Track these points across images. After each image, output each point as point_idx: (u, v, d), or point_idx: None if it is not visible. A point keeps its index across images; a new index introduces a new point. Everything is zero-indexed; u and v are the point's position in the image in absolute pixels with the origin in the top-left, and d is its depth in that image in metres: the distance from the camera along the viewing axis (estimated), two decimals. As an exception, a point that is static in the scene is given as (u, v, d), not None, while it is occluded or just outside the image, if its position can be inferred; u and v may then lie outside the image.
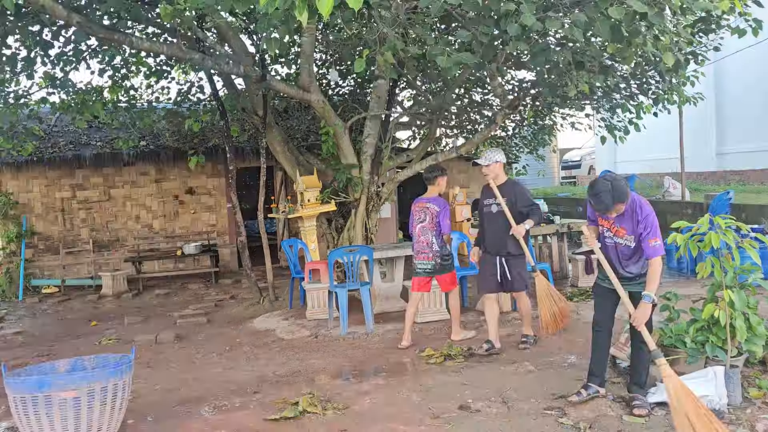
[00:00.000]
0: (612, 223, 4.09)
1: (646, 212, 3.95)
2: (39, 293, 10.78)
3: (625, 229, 4.02)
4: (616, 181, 3.91)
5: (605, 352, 4.30)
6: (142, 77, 10.56)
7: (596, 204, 3.93)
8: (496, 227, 5.57)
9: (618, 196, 3.87)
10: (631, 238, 4.01)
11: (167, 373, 5.67)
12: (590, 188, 3.99)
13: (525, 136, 13.96)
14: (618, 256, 4.11)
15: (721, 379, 4.02)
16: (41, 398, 3.73)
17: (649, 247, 3.91)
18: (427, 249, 6.04)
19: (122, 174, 11.70)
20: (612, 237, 4.11)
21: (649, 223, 3.92)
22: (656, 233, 3.92)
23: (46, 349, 6.94)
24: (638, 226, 3.95)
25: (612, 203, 3.88)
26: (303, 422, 4.22)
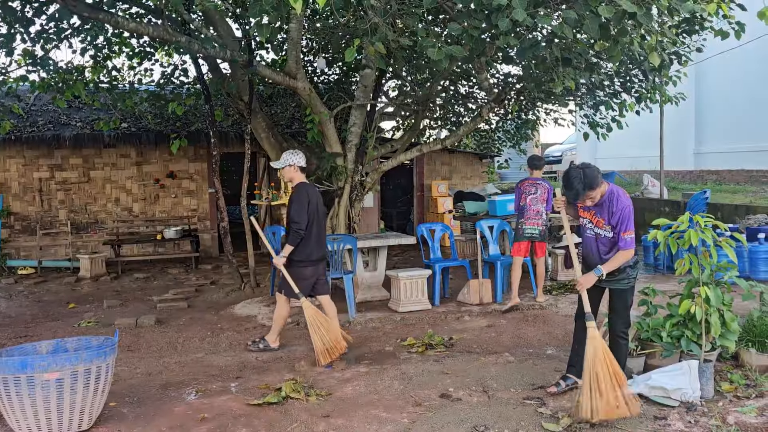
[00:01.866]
0: (593, 214, 4.18)
1: (622, 204, 4.06)
2: (15, 274, 10.61)
3: (604, 219, 4.13)
4: (588, 169, 4.01)
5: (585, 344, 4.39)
6: (125, 58, 10.43)
7: (568, 190, 4.03)
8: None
9: (588, 183, 3.96)
10: (609, 228, 4.12)
11: (148, 357, 5.66)
12: (564, 175, 4.09)
13: (508, 130, 14.06)
14: (598, 248, 4.20)
15: (695, 372, 4.14)
16: (23, 379, 3.71)
17: (622, 239, 4.05)
18: (537, 217, 6.90)
19: (102, 156, 11.54)
20: (593, 228, 4.21)
21: (625, 215, 4.04)
22: (630, 226, 4.05)
23: (22, 331, 6.87)
24: (613, 217, 4.07)
25: (583, 190, 3.97)
26: (286, 407, 4.26)
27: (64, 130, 11.01)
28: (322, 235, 5.57)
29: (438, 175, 13.54)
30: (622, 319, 4.24)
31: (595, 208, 4.15)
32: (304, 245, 5.39)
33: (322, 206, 5.63)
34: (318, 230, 5.48)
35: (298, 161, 5.53)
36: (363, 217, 11.92)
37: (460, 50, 4.48)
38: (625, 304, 4.24)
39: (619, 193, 4.12)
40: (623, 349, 4.22)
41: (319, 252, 5.51)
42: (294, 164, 5.50)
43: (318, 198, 5.54)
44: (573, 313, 6.50)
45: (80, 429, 3.90)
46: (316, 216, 5.43)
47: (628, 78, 8.92)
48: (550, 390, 4.31)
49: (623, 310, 4.24)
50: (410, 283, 6.82)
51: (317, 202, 5.49)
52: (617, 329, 4.23)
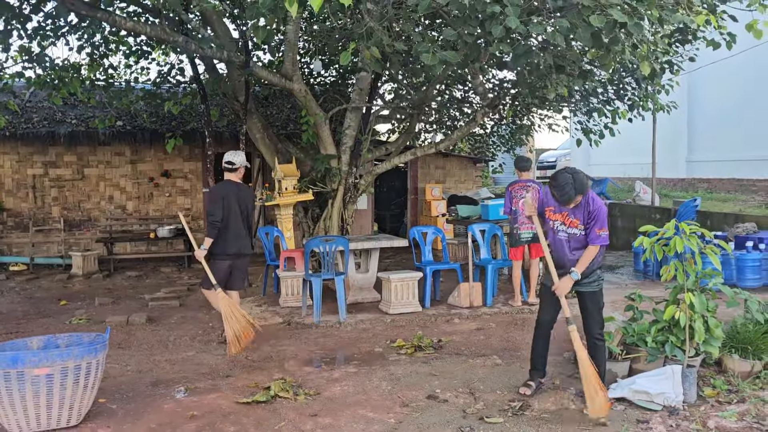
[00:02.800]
0: (566, 215, 4.28)
1: (598, 205, 4.22)
2: (6, 270, 10.60)
3: (579, 219, 4.25)
4: (577, 174, 4.13)
5: (546, 348, 4.52)
6: (122, 56, 10.45)
7: (560, 196, 4.11)
8: None
9: (579, 188, 4.09)
10: (583, 228, 4.25)
11: (139, 355, 5.68)
12: (553, 180, 4.17)
13: (502, 134, 14.15)
14: (569, 248, 4.30)
15: (678, 377, 4.20)
16: (14, 374, 3.73)
17: (594, 234, 4.18)
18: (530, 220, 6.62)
19: (97, 153, 11.55)
20: (566, 229, 4.29)
21: (601, 215, 4.19)
22: (604, 224, 4.20)
23: (14, 327, 6.87)
24: (590, 216, 4.20)
25: (574, 194, 4.09)
26: (275, 406, 4.29)
27: (59, 127, 11.02)
28: (241, 231, 5.74)
29: (432, 179, 13.60)
30: (597, 321, 4.34)
31: (569, 209, 4.26)
32: (222, 239, 5.64)
33: (246, 204, 5.79)
34: (235, 226, 5.68)
35: (228, 158, 5.80)
36: (356, 219, 11.98)
37: (455, 56, 4.54)
38: (598, 306, 4.35)
39: (593, 196, 4.28)
40: (602, 351, 4.32)
41: (236, 247, 5.70)
42: (225, 162, 5.81)
43: (238, 196, 5.73)
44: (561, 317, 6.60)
45: (69, 424, 3.93)
46: (231, 212, 5.64)
47: (621, 86, 9.02)
48: (523, 392, 4.40)
49: (597, 312, 4.34)
50: (401, 285, 6.87)
51: (236, 199, 5.70)
52: (593, 332, 4.32)
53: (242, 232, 5.76)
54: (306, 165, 9.30)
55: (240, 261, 5.83)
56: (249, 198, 5.87)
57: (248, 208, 5.85)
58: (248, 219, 5.86)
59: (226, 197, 5.67)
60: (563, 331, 5.96)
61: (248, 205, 5.84)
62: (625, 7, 4.17)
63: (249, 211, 5.86)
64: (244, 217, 5.79)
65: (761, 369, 4.58)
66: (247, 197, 5.83)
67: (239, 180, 5.89)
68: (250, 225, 5.90)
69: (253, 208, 5.95)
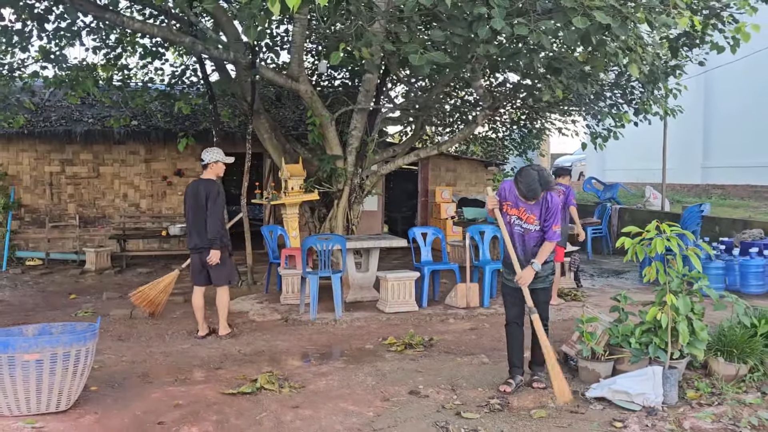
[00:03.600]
0: (523, 211, 4.42)
1: (555, 203, 4.38)
2: (23, 265, 10.91)
3: (535, 215, 4.39)
4: (543, 171, 4.30)
5: (522, 344, 4.60)
6: (137, 57, 10.71)
7: (527, 192, 4.25)
8: None
9: (544, 184, 4.26)
10: (538, 224, 4.40)
11: (137, 347, 5.83)
12: (520, 176, 4.30)
13: (514, 138, 14.14)
14: (525, 243, 4.46)
15: (658, 378, 4.20)
16: (5, 359, 3.89)
17: (551, 231, 4.37)
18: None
19: (112, 152, 11.83)
20: (522, 224, 4.44)
21: (555, 211, 4.36)
22: (558, 221, 4.39)
23: (21, 318, 7.09)
24: (547, 213, 4.35)
25: (540, 190, 4.26)
26: (259, 398, 4.39)
27: (75, 125, 11.31)
28: (190, 227, 5.99)
29: (443, 181, 13.65)
30: (547, 311, 4.61)
31: (526, 205, 4.39)
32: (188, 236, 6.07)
33: (199, 200, 5.85)
34: (192, 222, 5.93)
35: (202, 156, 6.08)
36: (366, 220, 12.09)
37: (442, 56, 4.60)
38: (548, 297, 4.63)
39: (551, 194, 4.41)
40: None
41: (192, 241, 5.98)
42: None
43: (195, 193, 5.89)
44: (557, 319, 6.62)
45: (58, 409, 4.07)
46: (189, 210, 5.94)
47: (627, 89, 8.99)
48: (504, 389, 4.45)
49: (546, 303, 4.61)
50: (398, 284, 6.94)
51: (193, 197, 5.90)
52: (544, 321, 4.56)
53: (192, 227, 5.94)
54: (313, 165, 9.42)
55: (199, 255, 5.96)
56: (202, 193, 5.86)
57: (202, 202, 5.85)
58: (200, 212, 5.88)
59: (186, 196, 6.00)
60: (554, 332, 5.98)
61: (201, 199, 5.85)
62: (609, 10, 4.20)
63: (202, 205, 5.85)
64: (196, 213, 5.89)
65: (746, 372, 4.55)
66: (200, 193, 5.86)
67: (214, 177, 6.01)
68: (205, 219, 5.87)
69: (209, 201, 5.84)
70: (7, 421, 3.92)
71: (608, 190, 13.10)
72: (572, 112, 10.50)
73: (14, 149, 11.41)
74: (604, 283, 8.98)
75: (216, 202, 5.85)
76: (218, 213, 5.89)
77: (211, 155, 6.02)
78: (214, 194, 5.87)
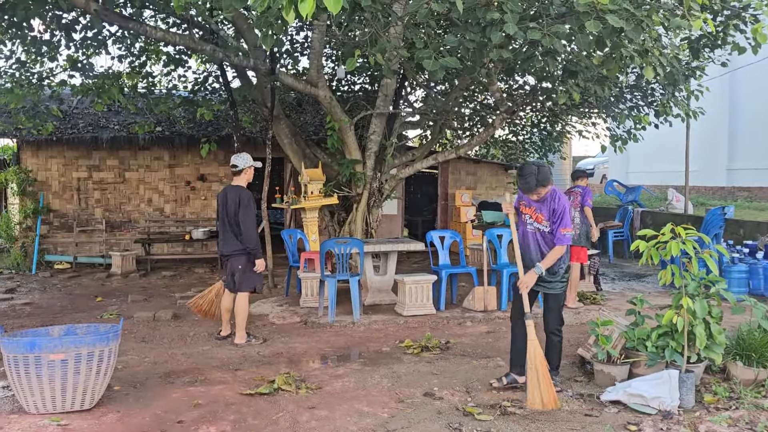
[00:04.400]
0: (534, 210, 4.49)
1: (562, 204, 4.40)
2: (51, 268, 11.19)
3: (544, 215, 4.45)
4: (542, 167, 4.38)
5: (524, 343, 4.55)
6: (161, 65, 10.94)
7: (522, 184, 4.40)
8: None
9: (541, 180, 4.34)
10: (548, 224, 4.44)
11: (159, 348, 5.96)
12: (519, 170, 4.45)
13: (535, 141, 14.08)
14: (537, 242, 4.51)
15: (674, 382, 4.18)
16: (32, 358, 4.03)
17: (559, 234, 4.38)
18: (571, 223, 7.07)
19: (137, 157, 12.07)
20: (533, 223, 4.51)
21: (562, 213, 4.38)
22: (567, 224, 4.38)
23: (49, 320, 7.29)
24: (553, 214, 4.39)
25: (535, 185, 4.35)
26: (276, 398, 4.47)
27: (102, 132, 11.58)
28: (220, 234, 6.04)
29: (463, 185, 13.65)
30: (557, 318, 4.56)
31: (537, 204, 4.46)
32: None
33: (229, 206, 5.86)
34: (221, 229, 6.01)
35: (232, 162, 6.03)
36: (386, 224, 12.15)
37: (455, 61, 4.65)
38: (558, 304, 4.55)
39: (559, 194, 4.46)
40: (557, 346, 4.57)
41: (220, 248, 6.10)
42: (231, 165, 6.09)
43: (225, 200, 5.90)
44: (575, 322, 6.60)
45: (82, 408, 4.20)
46: (219, 217, 6.04)
47: (648, 91, 8.92)
48: (493, 383, 4.56)
49: (557, 311, 4.55)
50: (415, 287, 6.98)
51: (223, 204, 5.93)
52: (552, 327, 4.56)
53: (226, 234, 5.93)
54: (333, 169, 9.52)
55: (230, 262, 5.97)
56: (233, 199, 5.86)
57: (232, 209, 5.85)
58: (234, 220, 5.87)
59: (218, 203, 6.05)
60: (570, 336, 6.00)
61: (231, 206, 5.85)
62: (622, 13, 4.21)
63: (232, 212, 5.85)
64: (227, 219, 5.89)
65: (765, 377, 4.50)
66: (231, 200, 5.86)
67: (245, 183, 6.00)
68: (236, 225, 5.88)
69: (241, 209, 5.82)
70: (33, 419, 4.06)
71: (630, 193, 12.98)
72: (592, 114, 10.44)
73: (43, 156, 11.72)
74: (624, 286, 8.91)
75: (249, 209, 5.84)
76: (252, 220, 5.87)
77: (245, 160, 5.98)
78: (245, 201, 5.85)
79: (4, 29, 8.00)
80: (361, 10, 4.67)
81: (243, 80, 9.81)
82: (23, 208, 11.35)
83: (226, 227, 5.91)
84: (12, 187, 11.75)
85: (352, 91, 11.52)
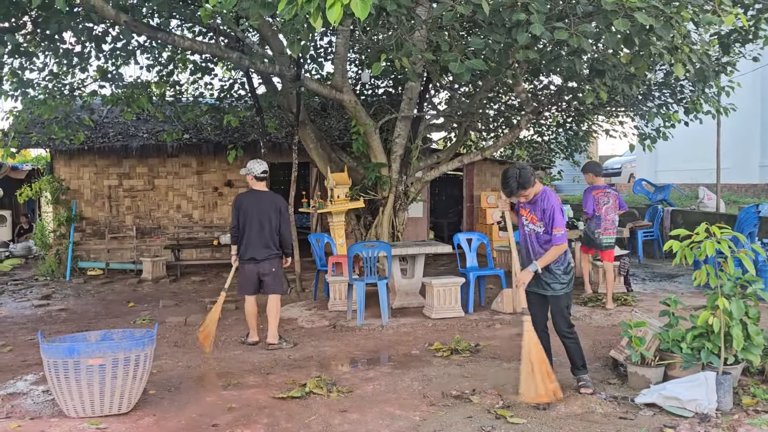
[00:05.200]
0: (529, 211, 4.52)
1: (550, 203, 4.42)
2: (85, 275, 11.43)
3: (536, 216, 4.47)
4: (524, 170, 4.39)
5: (548, 350, 4.57)
6: (188, 74, 11.11)
7: (503, 187, 4.45)
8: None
9: (521, 183, 4.36)
10: (541, 225, 4.45)
11: (191, 353, 6.05)
12: (503, 174, 4.49)
13: (561, 141, 13.96)
14: (533, 243, 4.52)
15: (711, 384, 4.11)
16: (71, 363, 4.12)
17: (553, 235, 4.42)
18: (612, 227, 7.18)
19: (166, 165, 12.28)
20: (528, 224, 4.53)
21: (552, 213, 4.38)
22: (558, 224, 4.37)
23: (85, 326, 7.44)
24: (544, 215, 4.41)
25: (516, 188, 4.38)
26: (308, 401, 4.51)
27: (132, 140, 11.81)
28: (253, 239, 5.92)
29: (488, 186, 13.59)
30: (562, 320, 4.53)
31: (530, 206, 4.49)
32: (242, 246, 5.99)
33: (265, 213, 5.90)
34: (248, 234, 5.92)
35: (251, 170, 6.04)
36: (412, 226, 12.15)
37: (481, 63, 4.65)
38: (561, 306, 4.52)
39: (548, 193, 4.48)
40: (572, 347, 4.54)
41: (251, 253, 5.93)
42: (249, 173, 6.07)
43: (254, 205, 5.90)
44: (606, 324, 6.52)
45: (119, 411, 4.29)
46: (247, 221, 5.90)
47: (677, 88, 8.79)
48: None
49: (560, 313, 4.53)
50: (443, 290, 6.97)
51: (252, 209, 5.90)
52: (560, 329, 4.54)
53: (255, 240, 5.93)
54: (358, 173, 9.56)
55: (261, 266, 6.00)
56: (270, 206, 5.96)
57: (273, 215, 5.96)
58: (272, 225, 5.97)
59: (241, 208, 5.98)
60: (602, 338, 5.94)
61: (269, 212, 5.94)
62: (651, 11, 4.16)
63: (271, 218, 5.95)
64: (262, 225, 5.94)
65: (806, 379, 4.40)
66: (268, 205, 5.95)
67: (265, 188, 6.12)
68: (276, 230, 6.00)
69: (279, 213, 5.99)
70: (73, 422, 4.15)
71: (660, 192, 12.78)
72: (619, 113, 10.32)
73: (75, 165, 11.98)
74: (656, 287, 8.78)
75: (287, 215, 6.05)
76: (289, 225, 6.06)
77: (263, 166, 6.09)
78: (285, 208, 6.04)
79: (37, 42, 8.21)
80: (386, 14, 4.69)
81: (268, 86, 9.92)
82: (57, 216, 11.62)
83: (264, 232, 5.93)
84: (46, 196, 12.04)
85: (375, 95, 11.56)
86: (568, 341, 4.54)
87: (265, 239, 5.94)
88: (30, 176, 14.13)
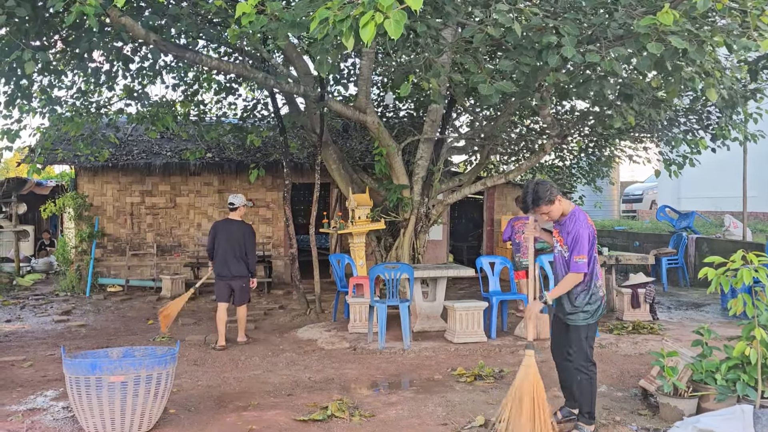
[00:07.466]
0: (558, 232, 4.26)
1: (578, 227, 4.08)
2: (104, 291, 11.47)
3: (563, 238, 4.18)
4: (541, 184, 4.14)
5: (570, 386, 4.39)
6: (212, 93, 11.25)
7: (520, 202, 4.30)
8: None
9: (535, 199, 4.08)
10: (566, 248, 4.16)
11: (211, 372, 6.00)
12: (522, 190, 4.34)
13: (582, 166, 13.86)
14: (561, 267, 4.25)
15: (749, 418, 3.96)
16: (93, 380, 4.09)
17: (572, 261, 4.08)
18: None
19: (188, 183, 12.36)
20: (557, 246, 4.27)
21: (577, 237, 4.05)
22: (581, 250, 4.03)
23: (104, 342, 7.44)
24: (569, 237, 4.11)
25: (531, 204, 4.12)
26: (329, 425, 4.42)
27: (155, 158, 11.92)
28: (227, 259, 7.11)
29: (509, 210, 13.48)
30: (579, 352, 4.19)
31: (559, 226, 4.24)
32: (215, 264, 7.20)
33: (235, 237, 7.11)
34: (223, 255, 7.11)
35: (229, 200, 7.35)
36: (431, 249, 12.07)
37: (510, 86, 4.62)
38: (580, 339, 4.18)
39: (578, 216, 4.15)
40: (584, 384, 4.16)
41: (224, 271, 7.13)
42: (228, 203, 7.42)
43: (227, 231, 7.14)
44: (633, 352, 6.37)
45: (140, 430, 4.23)
46: (219, 244, 7.11)
47: (704, 114, 8.70)
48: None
49: (578, 344, 4.19)
50: (466, 314, 6.87)
51: (224, 235, 7.13)
52: (576, 363, 4.21)
53: (229, 259, 7.10)
54: (380, 195, 9.53)
55: (233, 281, 7.17)
56: (239, 232, 7.16)
57: (238, 240, 7.12)
58: (240, 249, 7.14)
59: (216, 235, 7.19)
60: (630, 366, 5.79)
61: (238, 238, 7.12)
62: (684, 34, 4.11)
63: (240, 243, 7.13)
64: (232, 248, 7.10)
65: None
66: (237, 232, 7.16)
67: (239, 218, 7.30)
68: (243, 253, 7.18)
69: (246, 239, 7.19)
70: (93, 441, 4.10)
71: (683, 219, 12.57)
72: (644, 138, 10.22)
73: (99, 181, 12.11)
74: (682, 316, 8.59)
75: (253, 241, 7.29)
76: (255, 250, 7.36)
77: (241, 199, 7.31)
78: (251, 234, 7.30)
79: (66, 60, 8.36)
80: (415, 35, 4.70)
81: (292, 107, 9.98)
82: (79, 232, 11.72)
83: (236, 253, 7.13)
84: (69, 212, 12.15)
85: (397, 117, 11.59)
86: (583, 376, 4.15)
87: (237, 259, 7.14)
88: (54, 192, 14.30)
